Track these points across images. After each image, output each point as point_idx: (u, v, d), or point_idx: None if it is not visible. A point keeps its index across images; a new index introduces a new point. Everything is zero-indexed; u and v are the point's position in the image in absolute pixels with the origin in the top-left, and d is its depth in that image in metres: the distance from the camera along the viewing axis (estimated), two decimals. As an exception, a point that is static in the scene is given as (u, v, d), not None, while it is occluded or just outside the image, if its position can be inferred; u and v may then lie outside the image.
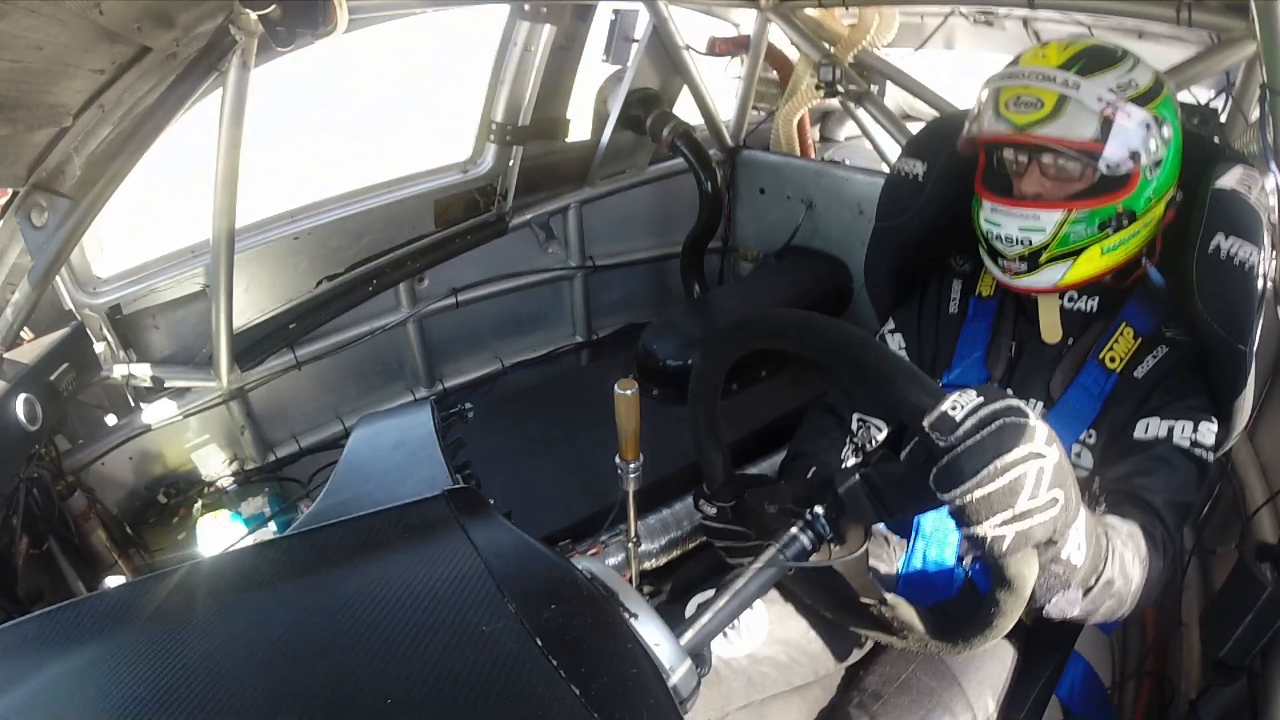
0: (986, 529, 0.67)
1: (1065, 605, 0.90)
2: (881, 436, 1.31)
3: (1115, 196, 1.08)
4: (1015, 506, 0.66)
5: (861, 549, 0.87)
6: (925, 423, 0.67)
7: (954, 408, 0.66)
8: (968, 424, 0.66)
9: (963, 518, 0.68)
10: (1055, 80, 1.05)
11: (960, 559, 1.23)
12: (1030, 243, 1.11)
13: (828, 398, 1.40)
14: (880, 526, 1.32)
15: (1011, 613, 0.73)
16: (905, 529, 1.28)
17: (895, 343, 1.35)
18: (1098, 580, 0.87)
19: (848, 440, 1.33)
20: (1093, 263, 1.12)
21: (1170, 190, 1.13)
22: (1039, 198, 1.11)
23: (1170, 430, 1.08)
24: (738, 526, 1.05)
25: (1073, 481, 0.71)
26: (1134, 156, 1.06)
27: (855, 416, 1.34)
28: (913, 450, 0.73)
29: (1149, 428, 1.09)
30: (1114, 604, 0.92)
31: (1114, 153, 1.05)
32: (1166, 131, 1.08)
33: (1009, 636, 0.80)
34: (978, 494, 0.66)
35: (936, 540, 1.24)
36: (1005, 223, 1.12)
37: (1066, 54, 1.08)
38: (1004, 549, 0.68)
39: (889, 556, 1.31)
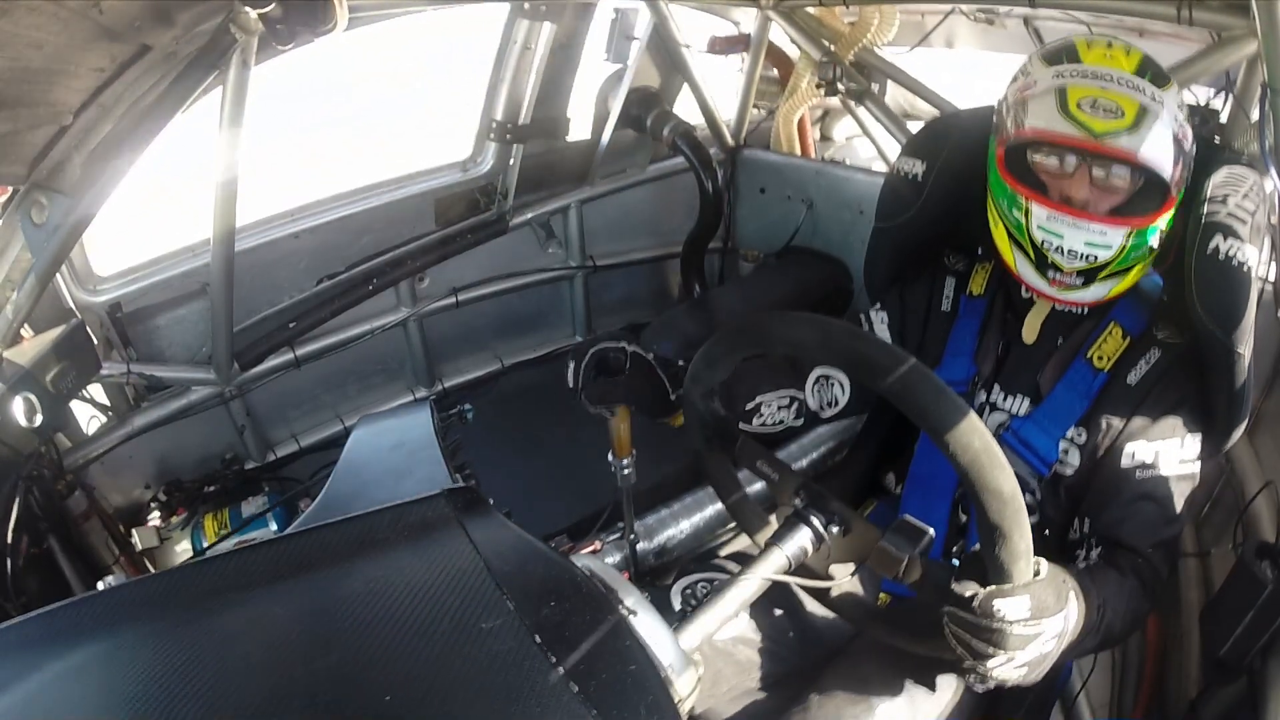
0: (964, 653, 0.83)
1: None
2: (844, 399, 1.30)
3: (1160, 214, 1.06)
4: (993, 661, 0.81)
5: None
6: (987, 594, 0.78)
7: (1000, 612, 0.78)
8: (1001, 624, 0.78)
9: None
10: (1143, 91, 1.01)
11: (949, 554, 1.23)
12: (1095, 259, 1.07)
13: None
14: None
15: None
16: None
17: (879, 319, 1.34)
18: (1080, 641, 0.91)
19: (796, 397, 1.29)
20: (1133, 278, 1.11)
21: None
22: (1085, 206, 1.07)
23: (1157, 455, 1.08)
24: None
25: (1058, 645, 0.84)
26: (1184, 176, 1.06)
27: (815, 374, 1.29)
28: (965, 595, 0.81)
29: (1136, 454, 1.09)
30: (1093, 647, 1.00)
31: (1178, 173, 1.04)
32: (1193, 152, 1.09)
33: None
34: (971, 642, 0.81)
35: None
36: (1070, 235, 1.06)
37: (1134, 59, 1.04)
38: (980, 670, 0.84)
39: None
